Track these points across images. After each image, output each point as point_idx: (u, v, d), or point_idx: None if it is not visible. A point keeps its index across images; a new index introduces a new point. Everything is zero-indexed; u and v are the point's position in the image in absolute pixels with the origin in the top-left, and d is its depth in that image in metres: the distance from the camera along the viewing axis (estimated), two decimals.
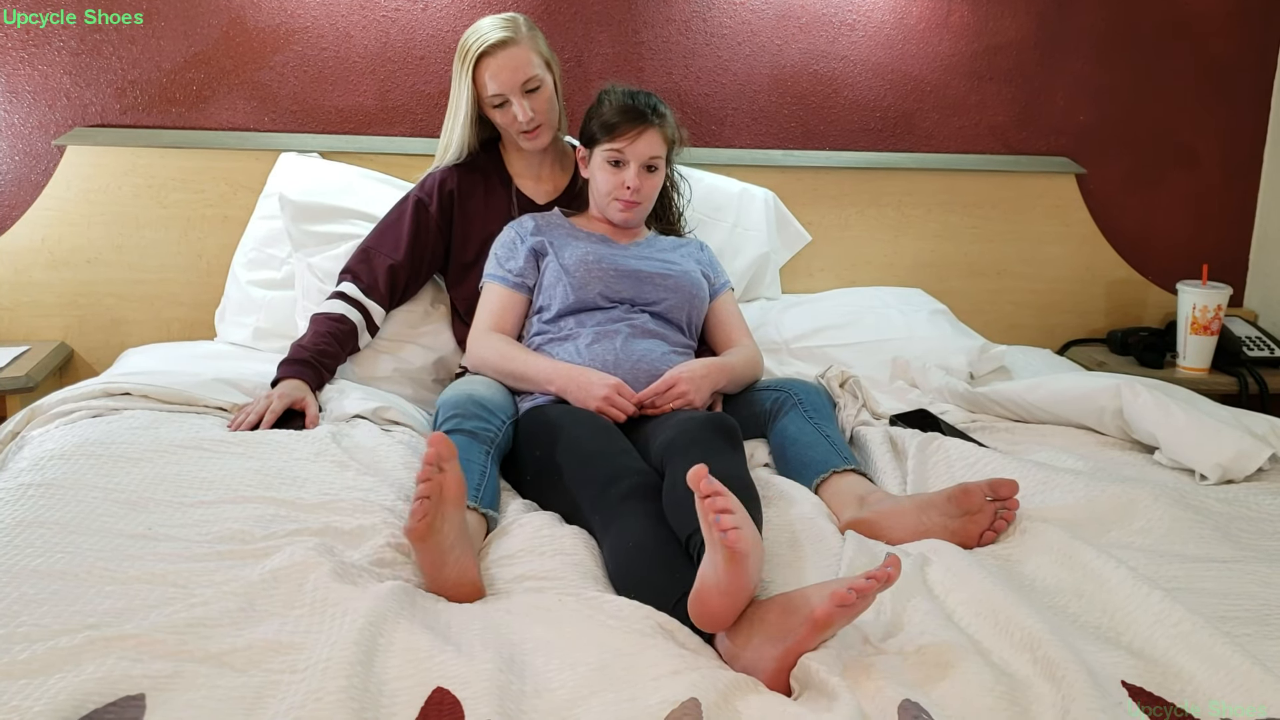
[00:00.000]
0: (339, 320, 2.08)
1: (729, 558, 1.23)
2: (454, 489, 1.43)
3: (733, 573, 1.23)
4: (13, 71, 2.45)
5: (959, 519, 1.58)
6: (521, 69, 2.07)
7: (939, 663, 1.19)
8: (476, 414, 1.78)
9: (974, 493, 1.57)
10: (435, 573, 1.41)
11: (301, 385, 1.96)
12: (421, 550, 1.41)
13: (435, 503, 1.39)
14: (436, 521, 1.39)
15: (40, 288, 2.49)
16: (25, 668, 1.10)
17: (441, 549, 1.40)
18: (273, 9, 2.49)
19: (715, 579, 1.25)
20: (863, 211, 2.73)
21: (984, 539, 1.58)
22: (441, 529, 1.40)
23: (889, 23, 2.67)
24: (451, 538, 1.41)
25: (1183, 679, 1.20)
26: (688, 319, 2.07)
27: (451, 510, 1.42)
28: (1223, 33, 2.78)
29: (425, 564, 1.41)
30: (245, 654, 1.17)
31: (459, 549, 1.42)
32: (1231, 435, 1.80)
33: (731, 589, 1.24)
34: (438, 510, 1.39)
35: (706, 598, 1.26)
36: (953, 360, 2.29)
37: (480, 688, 1.12)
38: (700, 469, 1.27)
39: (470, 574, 1.42)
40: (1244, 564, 1.47)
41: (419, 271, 2.20)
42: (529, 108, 2.08)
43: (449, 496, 1.41)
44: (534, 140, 2.14)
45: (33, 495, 1.51)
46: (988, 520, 1.58)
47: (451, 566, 1.41)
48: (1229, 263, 2.90)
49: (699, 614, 1.27)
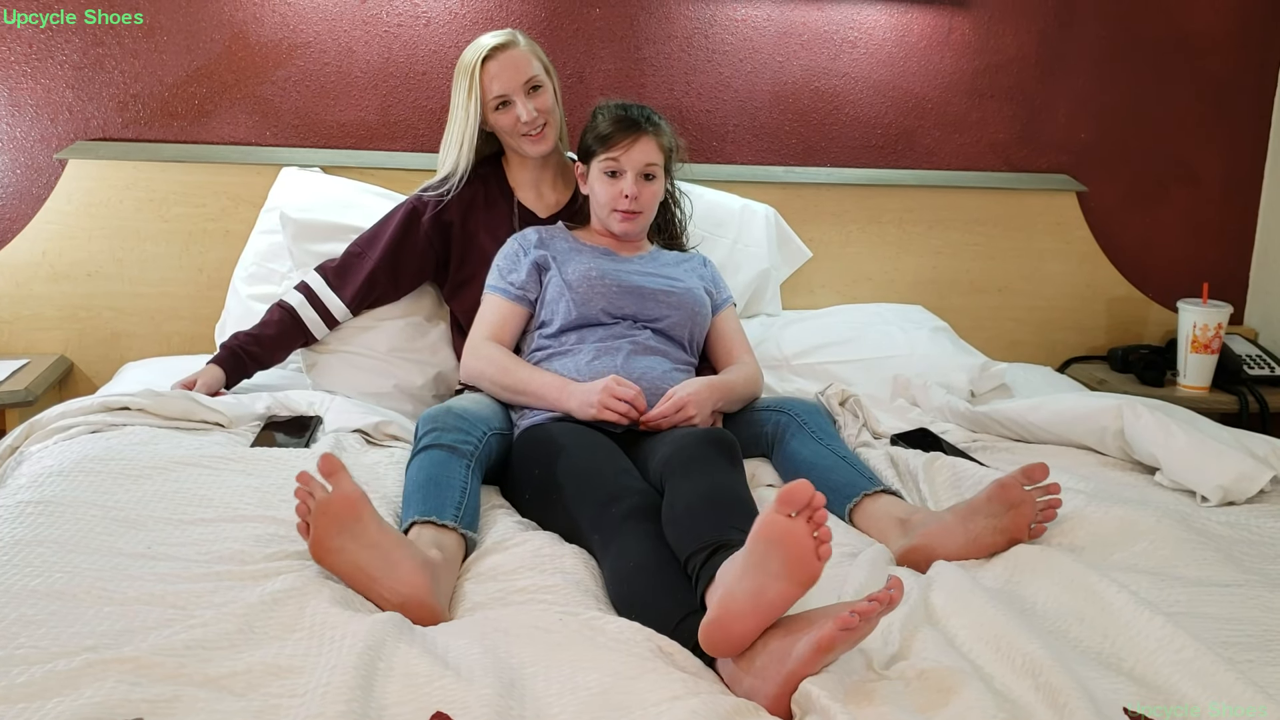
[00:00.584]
0: (289, 311, 2.15)
1: (805, 582, 1.21)
2: (342, 506, 1.39)
3: (790, 596, 1.22)
4: (15, 85, 2.45)
5: (1005, 516, 1.56)
6: (523, 69, 2.10)
7: (941, 688, 1.19)
8: (455, 426, 1.75)
9: (1011, 485, 1.56)
10: (368, 592, 1.38)
11: (219, 377, 2.08)
12: (333, 569, 1.39)
13: (323, 520, 1.37)
14: (332, 539, 1.37)
15: (41, 301, 2.49)
16: (24, 691, 1.10)
17: (357, 566, 1.38)
18: (275, 24, 2.49)
19: (755, 602, 1.21)
20: (864, 228, 2.73)
21: (1034, 531, 1.56)
22: (345, 547, 1.37)
23: (890, 40, 2.68)
24: (366, 554, 1.38)
25: (1185, 705, 1.19)
26: (690, 336, 2.07)
27: (350, 526, 1.39)
28: (1223, 51, 2.79)
29: (352, 584, 1.39)
30: (244, 677, 1.16)
31: (386, 566, 1.38)
32: (1233, 457, 1.79)
33: (772, 613, 1.22)
34: (328, 528, 1.37)
35: (731, 622, 1.22)
36: (954, 378, 2.29)
37: (480, 712, 1.11)
38: (806, 485, 1.22)
39: (415, 591, 1.37)
40: (1246, 588, 1.46)
41: (398, 279, 2.20)
42: (532, 107, 2.10)
43: (340, 514, 1.39)
44: (538, 143, 2.14)
45: (31, 513, 1.51)
46: (1031, 510, 1.57)
47: (384, 584, 1.37)
48: (1229, 281, 2.90)
49: (715, 639, 1.24)
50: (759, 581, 1.22)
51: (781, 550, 1.22)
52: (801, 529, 1.22)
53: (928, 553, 1.57)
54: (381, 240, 2.18)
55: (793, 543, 1.21)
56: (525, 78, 2.10)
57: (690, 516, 1.46)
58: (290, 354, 2.19)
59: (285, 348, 2.16)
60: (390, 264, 2.17)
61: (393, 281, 2.20)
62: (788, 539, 1.22)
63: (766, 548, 1.23)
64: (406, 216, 2.18)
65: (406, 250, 2.17)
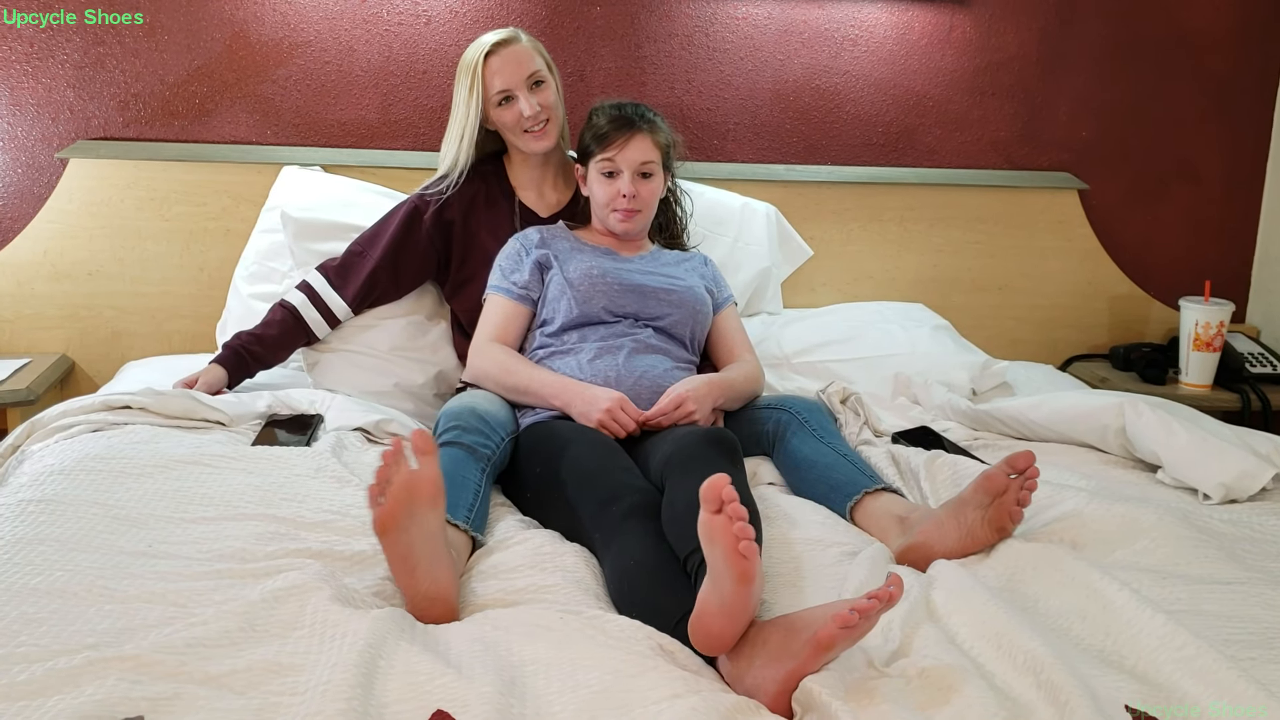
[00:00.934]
0: (291, 311, 2.15)
1: (741, 578, 1.21)
2: (427, 489, 1.37)
3: (740, 594, 1.22)
4: (16, 84, 2.45)
5: (991, 506, 1.56)
6: (525, 64, 2.11)
7: (942, 686, 1.19)
8: (477, 428, 1.76)
9: (996, 476, 1.56)
10: (405, 579, 1.36)
11: (221, 376, 2.08)
12: (387, 546, 1.36)
13: (404, 496, 1.34)
14: (403, 518, 1.34)
15: (42, 300, 2.49)
16: (24, 689, 1.10)
17: (412, 549, 1.35)
18: (276, 22, 2.49)
19: (719, 600, 1.23)
20: (865, 226, 2.73)
21: (1013, 515, 1.56)
22: (409, 528, 1.35)
23: (891, 38, 2.68)
24: (422, 542, 1.36)
25: (1186, 703, 1.19)
26: (691, 334, 2.07)
27: (423, 511, 1.36)
28: (1224, 49, 2.78)
29: (394, 565, 1.37)
30: (245, 676, 1.16)
31: (431, 559, 1.36)
32: (1235, 455, 1.79)
33: (735, 610, 1.23)
34: (406, 506, 1.34)
35: (708, 621, 1.24)
36: (955, 376, 2.29)
37: (480, 710, 1.11)
38: (721, 478, 1.23)
39: (444, 590, 1.36)
40: (1248, 586, 1.46)
41: (399, 278, 2.20)
42: (535, 102, 2.10)
43: (421, 495, 1.36)
44: (540, 139, 2.14)
45: (32, 512, 1.51)
46: (1015, 498, 1.57)
47: (424, 577, 1.36)
48: (1231, 279, 2.90)
49: (699, 637, 1.26)
50: (718, 582, 1.24)
51: (718, 549, 1.23)
52: (722, 524, 1.22)
53: (925, 550, 1.57)
54: (383, 239, 2.18)
55: (720, 539, 1.22)
56: (528, 72, 2.10)
57: (690, 515, 1.45)
58: (292, 353, 2.19)
59: (287, 347, 2.16)
60: (391, 263, 2.17)
61: (394, 280, 2.20)
62: (716, 536, 1.23)
63: (709, 547, 1.24)
64: (408, 215, 2.18)
65: (408, 249, 2.17)
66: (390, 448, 1.37)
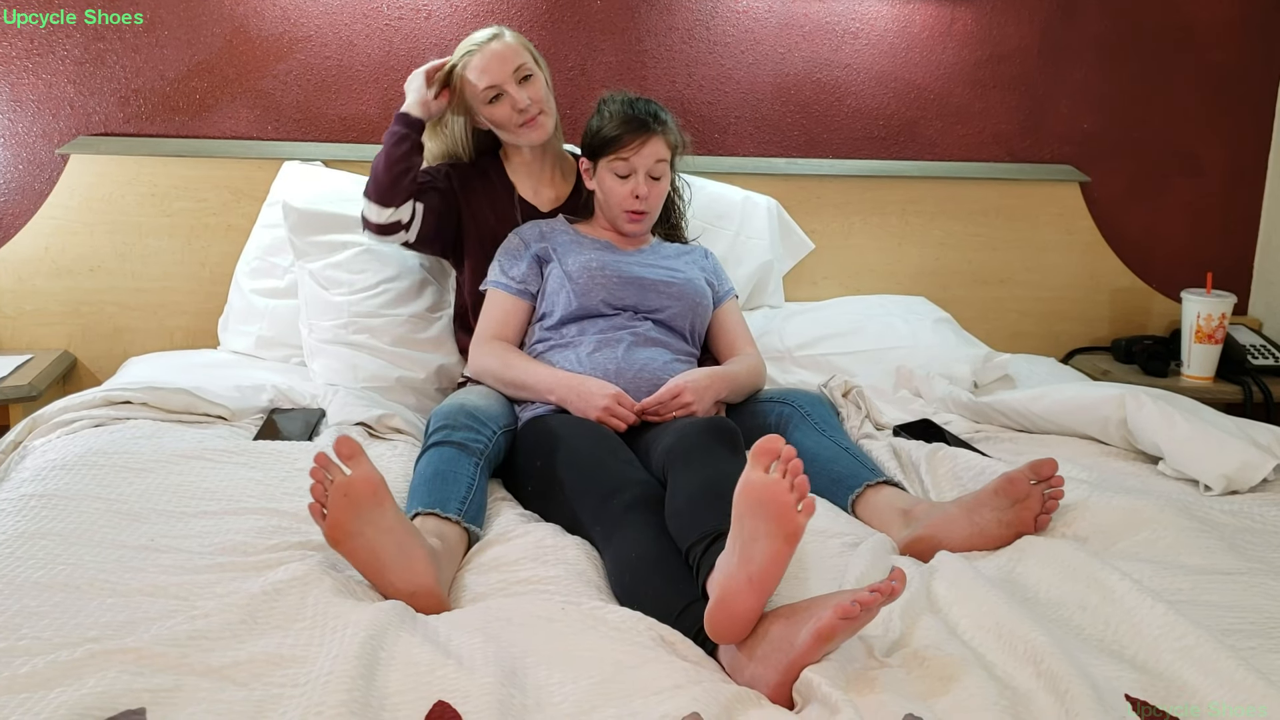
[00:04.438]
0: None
1: (790, 537, 1.19)
2: (365, 488, 1.37)
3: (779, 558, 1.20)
4: (17, 80, 2.45)
5: (1010, 510, 1.56)
6: (510, 59, 2.08)
7: (942, 676, 1.19)
8: (467, 425, 1.76)
9: (1018, 480, 1.56)
10: (378, 579, 1.37)
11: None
12: (347, 554, 1.37)
13: (344, 502, 1.35)
14: (350, 523, 1.35)
15: (43, 296, 2.49)
16: (26, 682, 1.10)
17: (374, 550, 1.36)
18: (276, 17, 2.49)
19: (747, 575, 1.20)
20: (866, 219, 2.73)
21: (1039, 523, 1.57)
22: (363, 531, 1.36)
23: (892, 31, 2.67)
24: (381, 540, 1.37)
25: (1187, 693, 1.19)
26: (691, 327, 2.07)
27: (369, 510, 1.37)
28: (1226, 41, 2.78)
29: (362, 570, 1.38)
30: (246, 667, 1.16)
31: (397, 553, 1.37)
32: (1236, 446, 1.79)
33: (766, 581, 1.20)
34: (349, 511, 1.35)
35: (731, 602, 1.22)
36: (956, 369, 2.29)
37: (482, 701, 1.12)
38: (776, 438, 1.22)
39: (422, 580, 1.37)
40: (1249, 576, 1.46)
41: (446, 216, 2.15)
42: (525, 95, 2.08)
43: (361, 496, 1.37)
44: (534, 130, 2.12)
45: (34, 506, 1.51)
46: (1038, 504, 1.57)
47: (397, 574, 1.36)
48: (1233, 271, 2.90)
49: (720, 620, 1.23)
50: (746, 550, 1.22)
51: (763, 509, 1.21)
52: (779, 484, 1.21)
53: (932, 543, 1.57)
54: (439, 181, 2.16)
55: (771, 499, 1.21)
56: (513, 67, 2.08)
57: (691, 507, 1.46)
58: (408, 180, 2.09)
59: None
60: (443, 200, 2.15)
61: (445, 223, 2.15)
62: (766, 495, 1.21)
63: (748, 510, 1.23)
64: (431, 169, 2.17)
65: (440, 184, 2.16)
66: (315, 465, 1.37)
